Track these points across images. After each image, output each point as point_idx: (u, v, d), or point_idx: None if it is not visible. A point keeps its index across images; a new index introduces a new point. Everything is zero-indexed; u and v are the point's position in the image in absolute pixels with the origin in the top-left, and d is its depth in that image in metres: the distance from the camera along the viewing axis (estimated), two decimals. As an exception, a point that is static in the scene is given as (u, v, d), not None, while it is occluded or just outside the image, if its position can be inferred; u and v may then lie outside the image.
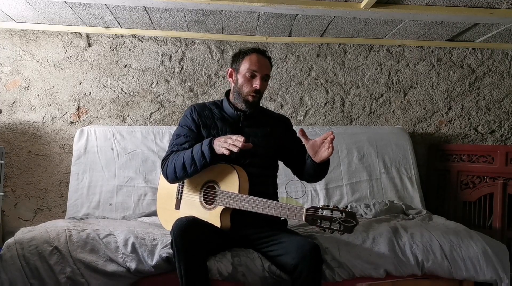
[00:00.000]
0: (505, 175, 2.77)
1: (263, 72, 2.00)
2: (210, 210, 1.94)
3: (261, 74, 1.99)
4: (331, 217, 1.70)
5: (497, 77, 3.24)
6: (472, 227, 2.28)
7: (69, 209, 2.61)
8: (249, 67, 1.99)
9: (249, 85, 1.99)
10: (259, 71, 1.99)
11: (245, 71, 2.00)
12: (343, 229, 1.68)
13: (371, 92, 3.19)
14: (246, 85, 2.00)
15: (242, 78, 2.01)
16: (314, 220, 1.72)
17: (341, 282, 1.93)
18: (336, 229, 1.69)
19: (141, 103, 3.03)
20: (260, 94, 2.03)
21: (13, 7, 2.62)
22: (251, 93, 1.99)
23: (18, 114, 2.93)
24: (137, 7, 2.58)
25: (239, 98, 2.03)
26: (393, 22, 2.77)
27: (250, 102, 2.01)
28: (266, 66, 2.03)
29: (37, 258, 1.82)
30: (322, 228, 1.70)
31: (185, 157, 1.90)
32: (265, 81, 2.03)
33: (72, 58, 2.99)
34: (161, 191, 2.19)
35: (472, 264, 2.02)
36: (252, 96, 2.00)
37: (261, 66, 2.00)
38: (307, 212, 1.74)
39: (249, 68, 1.99)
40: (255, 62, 2.00)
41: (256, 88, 1.98)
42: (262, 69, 2.00)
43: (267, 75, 2.03)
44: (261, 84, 1.99)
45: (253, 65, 1.99)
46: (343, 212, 1.70)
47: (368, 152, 2.91)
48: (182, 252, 1.70)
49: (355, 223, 1.68)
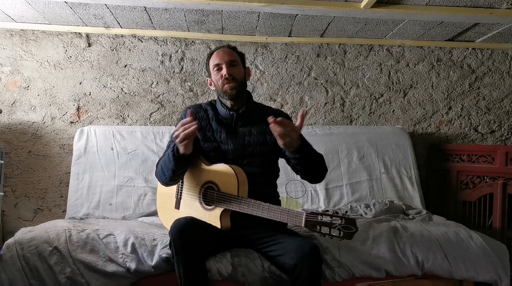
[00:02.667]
0: (505, 175, 2.77)
1: (226, 59, 2.00)
2: (210, 211, 1.94)
3: (224, 62, 1.99)
4: (331, 223, 1.67)
5: (497, 77, 3.24)
6: (472, 227, 2.28)
7: (69, 209, 2.62)
8: (212, 63, 2.03)
9: (220, 77, 2.00)
10: (221, 60, 2.00)
11: (212, 68, 2.04)
12: (343, 236, 1.65)
13: (371, 92, 3.19)
14: (218, 79, 2.01)
15: (214, 76, 2.04)
16: (313, 226, 1.69)
17: (341, 282, 1.93)
18: (336, 236, 1.66)
19: (141, 103, 3.03)
20: (235, 81, 1.99)
21: (13, 7, 2.62)
22: (224, 82, 1.99)
23: (18, 114, 2.93)
24: (137, 7, 2.58)
25: (221, 95, 2.03)
26: (393, 22, 2.77)
27: (229, 92, 1.99)
28: (228, 53, 2.03)
29: (37, 258, 1.82)
30: (322, 234, 1.68)
31: (162, 162, 1.93)
32: (232, 66, 2.00)
33: (72, 58, 2.99)
34: (161, 190, 2.19)
35: (472, 264, 2.02)
36: (227, 85, 1.98)
37: (221, 56, 2.01)
38: (306, 218, 1.71)
39: (214, 64, 2.03)
40: (215, 57, 2.03)
41: (225, 75, 1.98)
42: (224, 57, 2.01)
43: (231, 61, 2.01)
44: (228, 70, 1.98)
45: (214, 60, 2.03)
46: (343, 218, 1.66)
47: (368, 152, 2.91)
48: (181, 252, 1.70)
49: (355, 229, 1.65)
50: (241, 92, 2.03)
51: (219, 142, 2.01)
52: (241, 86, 2.03)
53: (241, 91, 2.03)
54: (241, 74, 2.04)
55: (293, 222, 1.75)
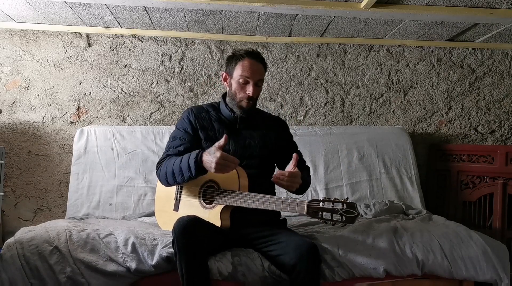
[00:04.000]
0: (505, 175, 2.78)
1: (256, 78, 1.99)
2: (210, 210, 1.95)
3: (254, 81, 1.98)
4: (333, 209, 1.73)
5: (497, 77, 3.24)
6: (472, 227, 2.28)
7: (69, 209, 2.62)
8: (242, 73, 1.98)
9: (243, 92, 2.00)
10: (252, 77, 1.98)
11: (238, 77, 1.99)
12: (345, 220, 1.71)
13: (371, 92, 3.19)
14: (239, 91, 2.00)
15: (236, 84, 2.01)
16: (315, 212, 1.74)
17: (341, 282, 1.93)
18: (338, 220, 1.72)
19: (141, 103, 3.04)
20: (253, 100, 2.03)
21: (13, 7, 2.62)
22: (244, 99, 2.00)
23: (18, 114, 2.93)
24: (137, 7, 2.58)
25: (234, 103, 2.04)
26: (393, 22, 2.77)
27: (244, 107, 2.02)
28: (259, 71, 2.02)
29: (37, 258, 1.82)
30: (324, 220, 1.72)
31: (175, 166, 1.92)
32: (258, 86, 2.02)
33: (72, 58, 2.99)
34: (159, 194, 2.19)
35: (472, 264, 2.02)
36: (246, 103, 2.01)
37: (253, 72, 1.98)
38: (308, 205, 1.76)
39: (242, 75, 1.98)
40: (247, 68, 1.98)
41: (249, 95, 1.98)
42: (255, 75, 1.99)
43: (260, 81, 2.03)
44: (254, 91, 1.98)
45: (245, 71, 1.98)
46: (344, 203, 1.73)
47: (368, 152, 2.91)
48: (183, 251, 1.70)
49: (357, 213, 1.71)
50: (253, 108, 2.08)
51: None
52: (255, 103, 2.08)
53: (253, 107, 2.08)
54: (259, 93, 2.08)
55: (295, 210, 1.79)
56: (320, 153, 2.87)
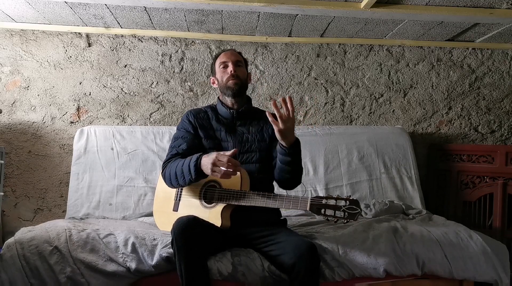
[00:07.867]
0: (505, 175, 2.77)
1: (233, 59, 2.12)
2: (211, 209, 1.95)
3: (231, 61, 2.11)
4: (336, 206, 1.75)
5: (497, 77, 3.24)
6: (472, 227, 2.28)
7: (69, 209, 2.62)
8: (219, 61, 2.14)
9: (226, 74, 2.11)
10: (229, 59, 2.12)
11: (218, 66, 2.14)
12: (347, 216, 1.73)
13: (371, 92, 3.19)
14: (223, 76, 2.11)
15: (219, 73, 2.13)
16: (318, 209, 1.76)
17: (341, 282, 1.93)
18: (340, 217, 1.73)
19: (141, 103, 3.04)
20: (239, 79, 2.10)
21: (13, 7, 2.62)
22: (230, 78, 2.09)
23: (18, 114, 2.93)
24: (137, 7, 2.58)
25: (224, 90, 2.11)
26: (393, 22, 2.77)
27: (232, 87, 2.08)
28: (235, 55, 2.16)
29: (37, 258, 1.82)
30: (327, 217, 1.74)
31: (177, 168, 1.94)
32: (238, 66, 2.12)
33: (72, 58, 2.99)
34: (158, 194, 2.20)
35: (472, 264, 2.02)
36: (232, 81, 2.08)
37: (229, 56, 2.14)
38: (311, 202, 1.78)
39: (220, 62, 2.14)
40: (222, 56, 2.16)
41: (232, 72, 2.08)
42: (231, 57, 2.13)
43: (237, 61, 2.13)
44: (234, 68, 2.09)
45: (221, 58, 2.15)
46: (347, 200, 1.75)
47: (368, 152, 2.91)
48: (183, 250, 1.70)
49: (359, 210, 1.74)
50: (242, 90, 2.13)
51: (220, 140, 2.09)
52: (243, 85, 2.13)
53: (242, 89, 2.13)
54: (244, 75, 2.16)
55: (298, 207, 1.80)
56: (320, 153, 2.88)
